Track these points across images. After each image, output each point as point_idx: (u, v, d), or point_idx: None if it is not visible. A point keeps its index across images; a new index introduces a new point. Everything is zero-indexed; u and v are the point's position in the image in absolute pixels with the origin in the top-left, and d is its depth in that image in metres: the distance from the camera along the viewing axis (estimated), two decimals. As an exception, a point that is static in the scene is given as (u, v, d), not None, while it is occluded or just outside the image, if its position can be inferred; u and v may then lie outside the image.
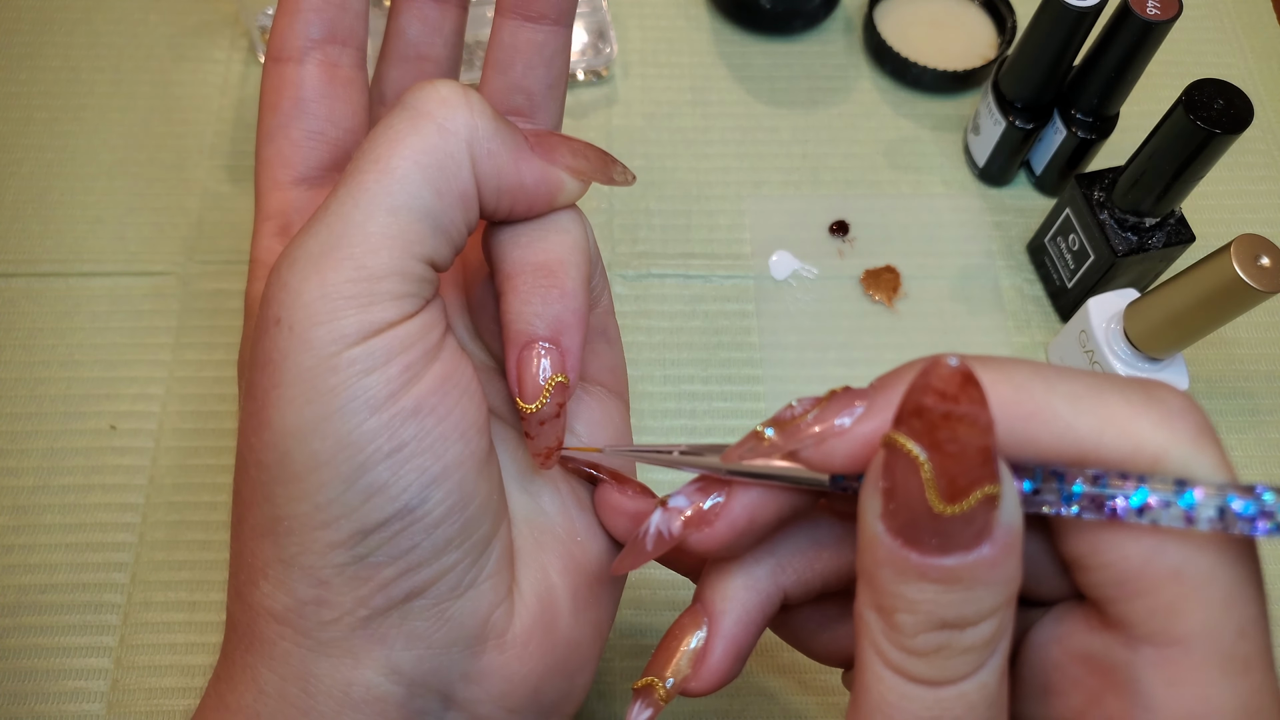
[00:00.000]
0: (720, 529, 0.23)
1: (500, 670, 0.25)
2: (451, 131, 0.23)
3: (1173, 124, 0.41)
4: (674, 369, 0.49)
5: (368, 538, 0.23)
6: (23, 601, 0.42)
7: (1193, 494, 0.18)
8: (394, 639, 0.24)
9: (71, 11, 0.58)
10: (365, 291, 0.22)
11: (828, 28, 0.59)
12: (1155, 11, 0.43)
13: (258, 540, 0.23)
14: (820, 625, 0.27)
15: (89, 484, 0.45)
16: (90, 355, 0.48)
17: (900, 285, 0.51)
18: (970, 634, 0.18)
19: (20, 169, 0.53)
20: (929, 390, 0.17)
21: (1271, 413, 0.49)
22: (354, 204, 0.22)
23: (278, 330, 0.22)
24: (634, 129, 0.56)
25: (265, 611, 0.24)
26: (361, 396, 0.22)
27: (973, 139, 0.54)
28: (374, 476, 0.22)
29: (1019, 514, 0.18)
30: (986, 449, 0.17)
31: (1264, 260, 0.37)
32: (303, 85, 0.28)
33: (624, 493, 0.28)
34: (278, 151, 0.28)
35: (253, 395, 0.23)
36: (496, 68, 0.28)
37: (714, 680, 0.25)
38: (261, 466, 0.23)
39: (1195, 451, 0.19)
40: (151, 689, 0.41)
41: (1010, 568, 0.18)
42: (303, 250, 0.22)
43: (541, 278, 0.25)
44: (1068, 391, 0.19)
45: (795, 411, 0.22)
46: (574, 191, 0.26)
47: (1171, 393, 0.19)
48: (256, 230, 0.28)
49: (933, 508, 0.17)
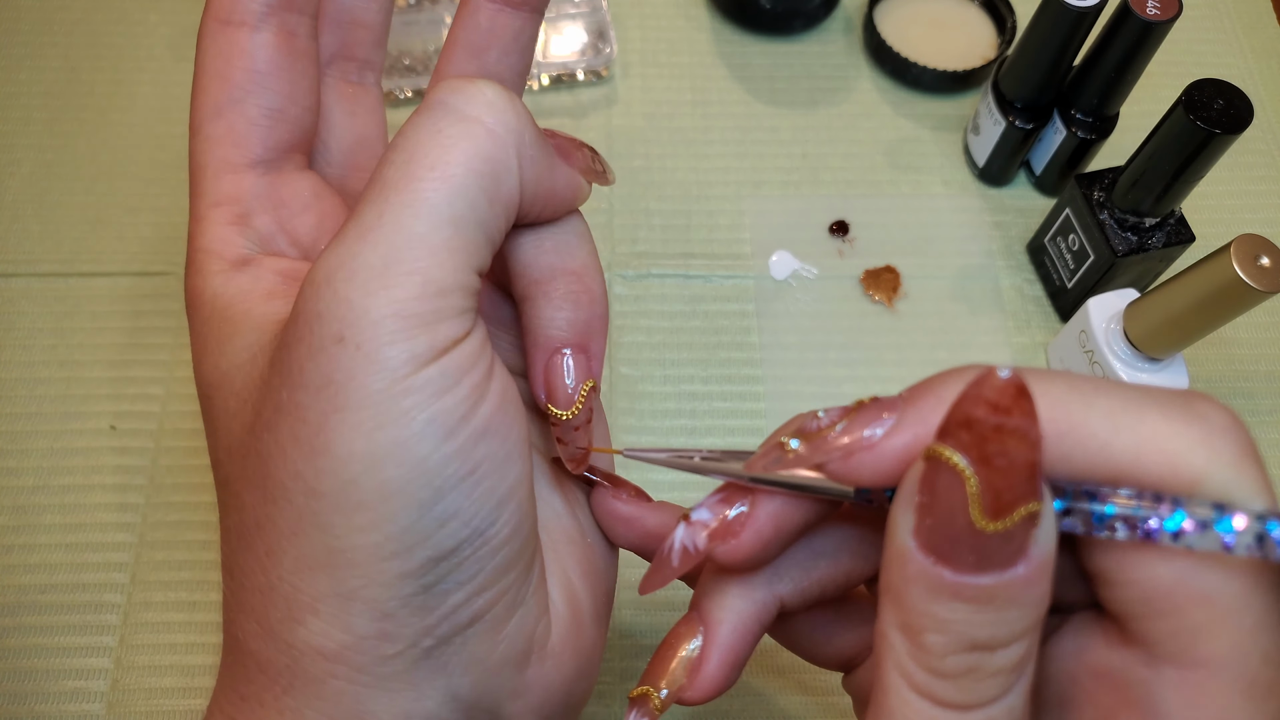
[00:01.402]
0: (746, 540, 0.23)
1: (540, 681, 0.25)
2: (501, 137, 0.22)
3: (1173, 124, 0.41)
4: (674, 369, 0.49)
5: (439, 565, 0.22)
6: (22, 601, 0.42)
7: (1230, 520, 0.17)
8: (454, 666, 0.23)
9: (71, 11, 0.58)
10: (434, 308, 0.21)
11: (828, 28, 0.59)
12: (1155, 11, 0.43)
13: (305, 574, 0.22)
14: (819, 630, 0.26)
15: (89, 484, 0.45)
16: (90, 355, 0.48)
17: (900, 285, 0.51)
18: (1000, 656, 0.18)
19: (20, 169, 0.53)
20: (981, 401, 0.17)
21: (1271, 413, 0.49)
22: (413, 214, 0.21)
23: (340, 349, 0.21)
24: (634, 129, 0.56)
25: (313, 650, 0.22)
26: (439, 420, 0.21)
27: (973, 139, 0.54)
28: (449, 503, 0.21)
29: (1054, 534, 0.18)
30: (1034, 465, 0.17)
31: (1264, 260, 0.37)
32: (259, 55, 0.25)
33: (619, 497, 0.28)
34: (229, 129, 0.25)
35: (300, 418, 0.21)
36: (470, 51, 0.27)
37: (709, 690, 0.24)
38: (315, 495, 0.21)
39: (1236, 474, 0.18)
40: (151, 689, 0.41)
41: (1043, 588, 0.18)
42: (362, 262, 0.21)
43: (571, 283, 0.25)
44: (1106, 408, 0.18)
45: (821, 422, 0.21)
46: (586, 193, 0.26)
47: (1214, 408, 0.19)
48: (200, 216, 0.26)
49: (975, 524, 0.17)
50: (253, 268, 0.25)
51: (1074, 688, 0.21)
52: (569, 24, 0.57)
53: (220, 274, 0.25)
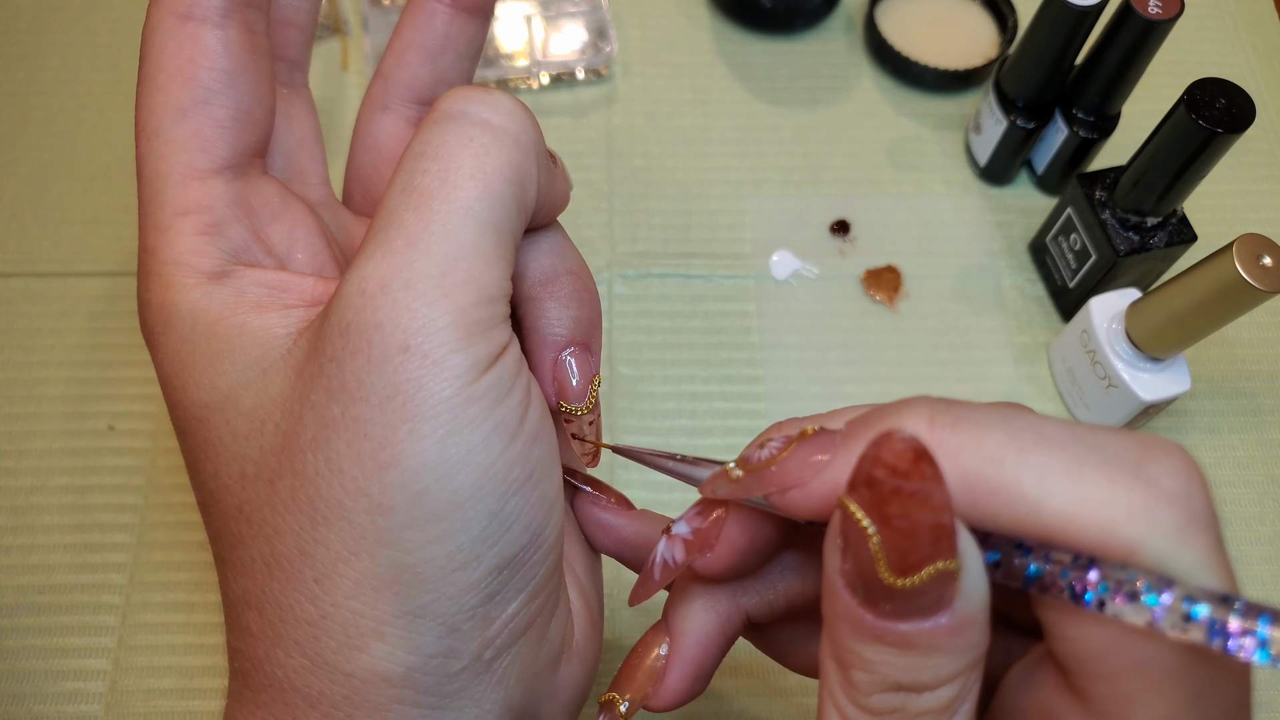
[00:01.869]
0: (721, 553, 0.23)
1: (570, 679, 0.26)
2: (526, 146, 0.23)
3: (1175, 123, 0.41)
4: (674, 369, 0.49)
5: (501, 573, 0.22)
6: (21, 602, 0.42)
7: (1157, 598, 0.16)
8: (509, 675, 0.23)
9: (70, 11, 0.58)
10: (488, 315, 0.21)
11: (829, 26, 0.59)
12: (1157, 10, 0.43)
13: (368, 596, 0.21)
14: (795, 642, 0.27)
15: (87, 484, 0.45)
16: (89, 355, 0.48)
17: (901, 285, 0.51)
18: (927, 699, 0.18)
19: (19, 169, 0.53)
20: (878, 463, 0.17)
21: (1273, 413, 0.48)
22: (460, 222, 0.21)
23: (406, 359, 0.20)
24: (634, 128, 0.56)
25: (376, 677, 0.21)
26: (502, 425, 0.21)
27: (974, 138, 0.54)
28: (513, 507, 0.22)
29: (983, 587, 0.17)
30: (940, 525, 0.16)
31: (1266, 260, 0.37)
32: (227, 54, 0.24)
33: (599, 503, 0.28)
34: (194, 132, 0.24)
35: (362, 433, 0.20)
36: (425, 55, 0.27)
37: (672, 699, 0.25)
38: (382, 510, 0.20)
39: (1177, 546, 0.17)
40: (150, 690, 0.41)
41: (971, 636, 0.17)
42: (419, 271, 0.20)
43: (574, 282, 0.25)
44: (1041, 465, 0.17)
45: (761, 455, 0.21)
46: None
47: (1168, 470, 0.17)
48: (165, 226, 0.24)
49: (883, 579, 0.17)
50: (233, 279, 0.24)
51: None
52: (569, 22, 0.57)
53: (196, 287, 0.23)
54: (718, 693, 0.41)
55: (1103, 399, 0.45)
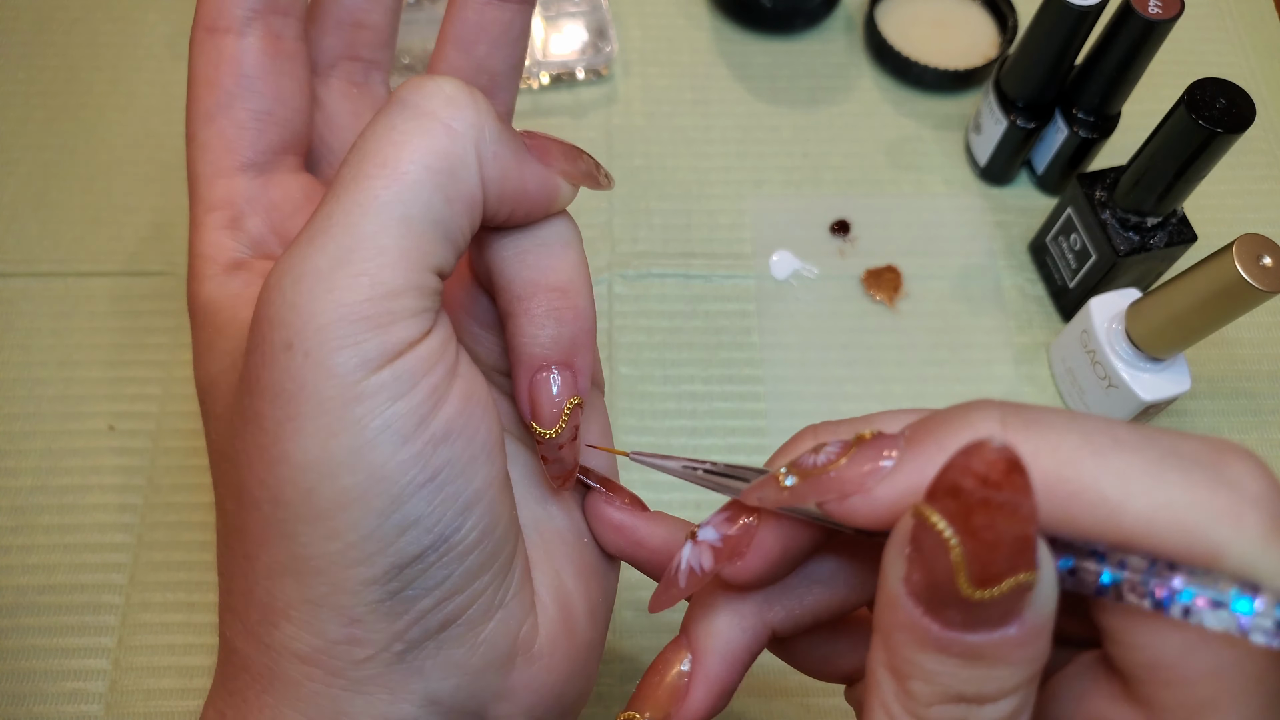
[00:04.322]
0: (752, 561, 0.22)
1: (530, 683, 0.25)
2: (459, 133, 0.21)
3: (1175, 123, 0.41)
4: (674, 369, 0.49)
5: (403, 572, 0.22)
6: (21, 602, 0.42)
7: (1251, 602, 0.16)
8: (430, 670, 0.23)
9: (70, 11, 0.58)
10: (384, 310, 0.20)
11: (829, 26, 0.59)
12: (1157, 10, 0.43)
13: (276, 580, 0.22)
14: (817, 648, 0.26)
15: (87, 484, 0.45)
16: (89, 355, 0.48)
17: (901, 285, 0.51)
18: (989, 710, 0.17)
19: (19, 169, 0.53)
20: (969, 473, 0.16)
21: (1274, 413, 0.48)
22: (362, 213, 0.21)
23: (289, 356, 0.20)
24: (634, 128, 0.56)
25: (289, 653, 0.22)
26: (393, 426, 0.21)
27: (974, 138, 0.54)
28: (409, 509, 0.21)
29: (1054, 598, 0.17)
30: (1025, 538, 0.16)
31: (1266, 260, 0.37)
32: (245, 60, 0.25)
33: (612, 504, 0.27)
34: (219, 134, 0.25)
35: (260, 426, 0.21)
36: (459, 46, 0.26)
37: (696, 718, 0.24)
38: (279, 504, 0.21)
39: (1262, 550, 0.16)
40: (150, 690, 0.41)
41: (1038, 648, 0.17)
42: (309, 265, 0.20)
43: (554, 300, 0.24)
44: (1120, 469, 0.17)
45: (818, 460, 0.20)
46: (568, 196, 0.25)
47: (1248, 472, 0.17)
48: (197, 222, 0.26)
49: (960, 591, 0.16)
50: (244, 271, 0.26)
51: None
52: (569, 22, 0.57)
53: (214, 278, 0.25)
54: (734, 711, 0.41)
55: (1103, 399, 0.45)
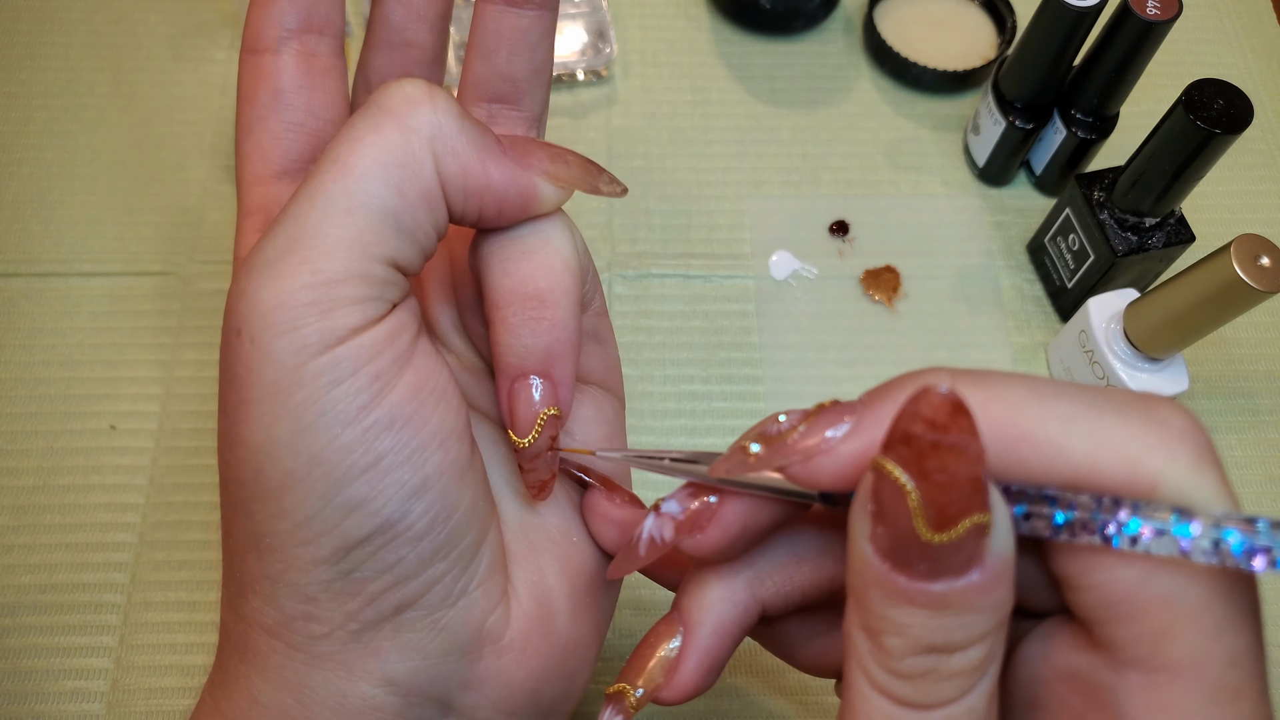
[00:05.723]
0: (712, 535, 0.23)
1: (498, 675, 0.25)
2: (413, 129, 0.22)
3: (1173, 124, 0.41)
4: (674, 369, 0.49)
5: (351, 553, 0.22)
6: (22, 601, 0.42)
7: (1188, 526, 0.17)
8: (387, 651, 0.23)
9: (71, 11, 0.58)
10: (324, 297, 0.21)
11: (828, 28, 0.59)
12: (1155, 11, 0.43)
13: (243, 555, 0.23)
14: (805, 638, 0.26)
15: (89, 484, 0.45)
16: (90, 355, 0.48)
17: (900, 285, 0.51)
18: (958, 659, 0.18)
19: (20, 169, 0.53)
20: (917, 418, 0.17)
21: (1271, 412, 0.49)
22: (310, 206, 0.22)
23: (239, 342, 0.21)
24: (634, 129, 0.56)
25: (257, 624, 0.23)
26: (332, 410, 0.21)
27: (973, 139, 0.54)
28: (352, 492, 0.22)
29: (1011, 541, 0.18)
30: (976, 478, 0.17)
31: (1264, 260, 0.37)
32: (279, 76, 0.27)
33: (611, 500, 0.27)
34: (256, 145, 0.27)
35: (223, 409, 0.22)
36: (480, 54, 0.27)
37: (685, 690, 0.24)
38: (239, 483, 0.22)
39: (1194, 476, 0.18)
40: (151, 689, 0.41)
41: (1001, 593, 0.18)
42: (259, 257, 0.22)
43: (530, 309, 0.24)
44: (1064, 412, 0.18)
45: (781, 426, 0.21)
46: (552, 198, 0.25)
47: (1175, 411, 0.19)
48: (239, 226, 0.27)
49: (920, 535, 0.17)
50: None
51: (1043, 690, 0.21)
52: (569, 24, 0.57)
53: None
54: (717, 690, 0.42)
55: (1101, 399, 0.45)
